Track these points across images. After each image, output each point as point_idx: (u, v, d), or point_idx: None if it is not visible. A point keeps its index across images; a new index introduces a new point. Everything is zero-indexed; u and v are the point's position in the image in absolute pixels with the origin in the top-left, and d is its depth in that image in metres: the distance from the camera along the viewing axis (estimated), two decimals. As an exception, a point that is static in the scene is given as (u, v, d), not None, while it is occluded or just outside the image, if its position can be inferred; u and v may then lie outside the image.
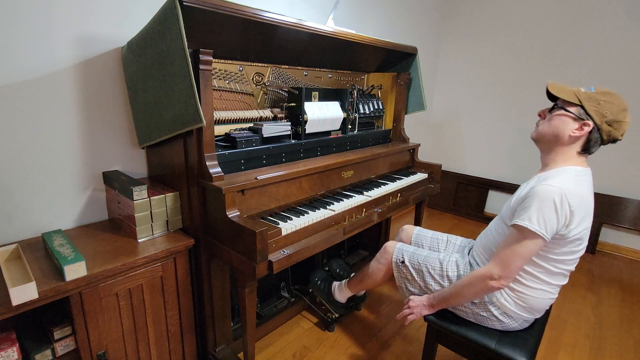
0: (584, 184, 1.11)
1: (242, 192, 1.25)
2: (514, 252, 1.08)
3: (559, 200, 1.02)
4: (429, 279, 1.36)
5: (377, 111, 2.16)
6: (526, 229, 1.05)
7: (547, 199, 1.03)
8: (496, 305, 1.21)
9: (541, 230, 1.04)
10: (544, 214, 1.03)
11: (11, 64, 1.19)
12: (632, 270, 2.71)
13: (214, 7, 1.12)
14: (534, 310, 1.22)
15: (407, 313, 1.34)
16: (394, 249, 1.50)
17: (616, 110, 1.08)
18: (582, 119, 1.10)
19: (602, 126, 1.09)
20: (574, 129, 1.11)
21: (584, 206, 1.08)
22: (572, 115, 1.11)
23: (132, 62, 1.34)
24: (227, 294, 1.49)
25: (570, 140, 1.13)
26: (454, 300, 1.25)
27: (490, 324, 1.24)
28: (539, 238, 1.05)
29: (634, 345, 1.86)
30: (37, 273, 1.05)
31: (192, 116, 1.09)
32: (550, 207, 1.03)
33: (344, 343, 1.79)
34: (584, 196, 1.08)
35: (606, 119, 1.08)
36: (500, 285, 1.11)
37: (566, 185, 1.05)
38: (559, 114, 1.14)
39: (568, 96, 1.12)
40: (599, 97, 1.09)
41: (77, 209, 1.43)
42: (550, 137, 1.17)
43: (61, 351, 1.11)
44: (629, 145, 2.80)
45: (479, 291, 1.17)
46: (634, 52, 2.68)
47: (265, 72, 1.68)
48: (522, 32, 3.17)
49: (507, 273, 1.10)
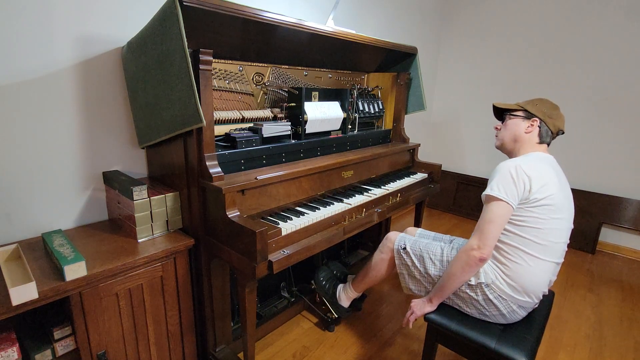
0: (542, 163, 1.25)
1: (242, 192, 1.25)
2: (485, 220, 1.21)
3: (514, 170, 1.19)
4: (429, 264, 1.39)
5: (377, 111, 2.16)
6: (489, 195, 1.21)
7: (504, 170, 1.21)
8: (491, 288, 1.23)
9: (501, 194, 1.18)
10: (503, 183, 1.20)
11: (11, 64, 1.19)
12: (632, 270, 2.71)
13: (214, 7, 1.12)
14: (528, 291, 1.22)
15: (409, 314, 1.36)
16: (396, 237, 1.53)
17: (550, 107, 1.35)
18: (529, 117, 1.34)
19: (546, 119, 1.33)
20: (526, 127, 1.34)
21: (544, 175, 1.20)
22: (521, 116, 1.36)
23: (132, 62, 1.34)
24: (227, 294, 1.48)
25: (526, 136, 1.35)
26: (448, 284, 1.28)
27: (488, 310, 1.25)
28: (501, 201, 1.18)
29: (634, 345, 1.86)
30: (37, 273, 1.05)
31: (192, 116, 1.09)
32: (507, 177, 1.20)
33: (344, 343, 1.79)
34: (542, 169, 1.22)
35: (546, 114, 1.33)
36: (481, 255, 1.19)
37: (521, 160, 1.24)
38: (512, 119, 1.38)
39: (512, 107, 1.41)
40: (534, 102, 1.38)
41: (77, 209, 1.43)
42: (510, 139, 1.38)
43: (61, 351, 1.11)
44: (628, 146, 2.80)
45: (465, 265, 1.23)
46: (634, 52, 2.68)
47: (265, 72, 1.68)
48: (522, 32, 3.17)
49: (484, 241, 1.19)
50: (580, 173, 3.03)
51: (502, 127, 1.42)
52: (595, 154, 2.96)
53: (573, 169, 3.05)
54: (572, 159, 3.06)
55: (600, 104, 2.88)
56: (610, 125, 2.86)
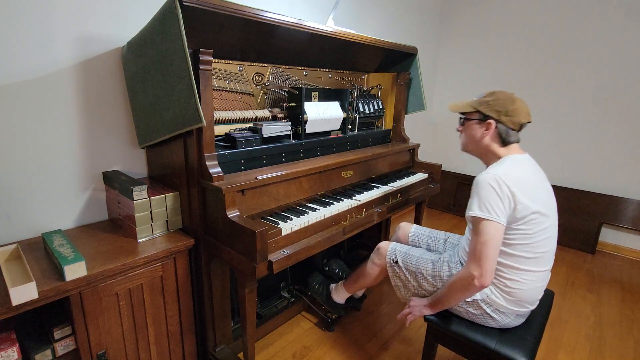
0: (522, 166, 1.20)
1: (242, 192, 1.25)
2: (480, 243, 1.12)
3: (496, 184, 1.11)
4: (422, 280, 1.38)
5: (377, 111, 2.16)
6: (476, 217, 1.12)
7: (485, 186, 1.13)
8: (487, 303, 1.22)
9: (491, 215, 1.10)
10: (488, 200, 1.11)
11: (11, 64, 1.19)
12: (632, 270, 2.71)
13: (214, 7, 1.12)
14: (525, 303, 1.22)
15: (407, 313, 1.35)
16: (387, 249, 1.51)
17: (504, 102, 1.22)
18: (483, 120, 1.25)
19: (502, 118, 1.22)
20: (483, 131, 1.26)
21: (527, 188, 1.13)
22: (475, 121, 1.28)
23: (132, 62, 1.34)
24: (227, 294, 1.48)
25: (486, 140, 1.26)
26: (447, 302, 1.26)
27: (486, 321, 1.25)
28: (491, 222, 1.10)
29: (634, 345, 1.86)
30: (37, 273, 1.05)
31: (192, 116, 1.09)
32: (491, 192, 1.11)
33: (344, 343, 1.79)
34: (523, 176, 1.15)
35: (501, 112, 1.22)
36: (483, 282, 1.11)
37: (501, 170, 1.15)
38: (467, 125, 1.31)
39: (465, 109, 1.31)
40: (487, 99, 1.25)
41: (77, 209, 1.43)
42: (472, 144, 1.31)
43: (61, 351, 1.11)
44: (629, 146, 2.80)
45: (465, 292, 1.18)
46: (634, 52, 2.68)
47: (265, 72, 1.68)
48: (522, 32, 3.17)
49: (484, 267, 1.11)
50: (581, 173, 3.03)
51: (462, 130, 1.34)
52: (596, 153, 2.96)
53: (573, 169, 3.05)
54: (572, 158, 3.06)
55: (601, 104, 2.88)
56: (611, 125, 2.86)
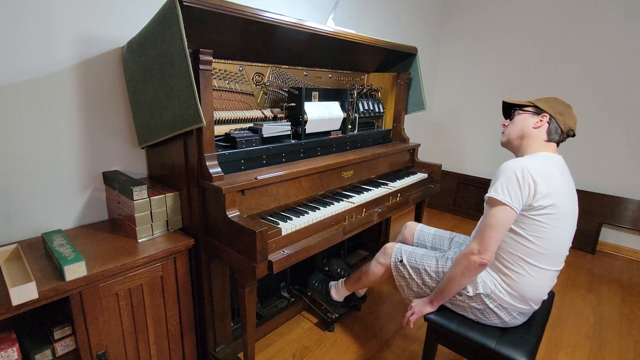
0: (549, 164, 1.19)
1: (242, 192, 1.25)
2: (486, 223, 1.16)
3: (520, 172, 1.12)
4: (425, 277, 1.39)
5: (377, 111, 2.16)
6: (493, 198, 1.15)
7: (509, 172, 1.14)
8: (491, 298, 1.22)
9: (506, 198, 1.12)
10: (507, 185, 1.13)
11: (11, 63, 1.19)
12: (632, 270, 2.71)
13: (214, 7, 1.12)
14: (529, 300, 1.22)
15: (409, 314, 1.36)
16: (393, 249, 1.52)
17: (562, 105, 1.29)
18: (539, 113, 1.29)
19: (556, 116, 1.26)
20: (535, 122, 1.28)
21: (550, 180, 1.14)
22: (530, 112, 1.30)
23: (132, 62, 1.34)
24: (227, 294, 1.48)
25: (534, 132, 1.28)
26: (448, 288, 1.26)
27: (488, 318, 1.25)
28: (505, 206, 1.12)
29: (634, 345, 1.86)
30: (37, 273, 1.05)
31: (192, 116, 1.09)
32: (513, 179, 1.13)
33: (344, 343, 1.79)
34: (549, 173, 1.15)
35: (557, 111, 1.27)
36: (481, 260, 1.15)
37: (529, 161, 1.16)
38: (520, 114, 1.33)
39: (522, 103, 1.35)
40: (546, 99, 1.32)
41: (77, 209, 1.43)
42: (517, 135, 1.32)
43: (61, 351, 1.11)
44: (629, 146, 2.80)
45: (465, 270, 1.19)
46: (634, 52, 2.68)
47: (265, 72, 1.68)
48: (521, 32, 3.17)
49: (484, 245, 1.15)
50: (581, 173, 3.03)
51: (510, 123, 1.36)
52: (596, 154, 2.96)
53: (573, 168, 3.03)
54: (572, 158, 3.05)
55: (601, 104, 2.88)
56: (611, 125, 2.86)
